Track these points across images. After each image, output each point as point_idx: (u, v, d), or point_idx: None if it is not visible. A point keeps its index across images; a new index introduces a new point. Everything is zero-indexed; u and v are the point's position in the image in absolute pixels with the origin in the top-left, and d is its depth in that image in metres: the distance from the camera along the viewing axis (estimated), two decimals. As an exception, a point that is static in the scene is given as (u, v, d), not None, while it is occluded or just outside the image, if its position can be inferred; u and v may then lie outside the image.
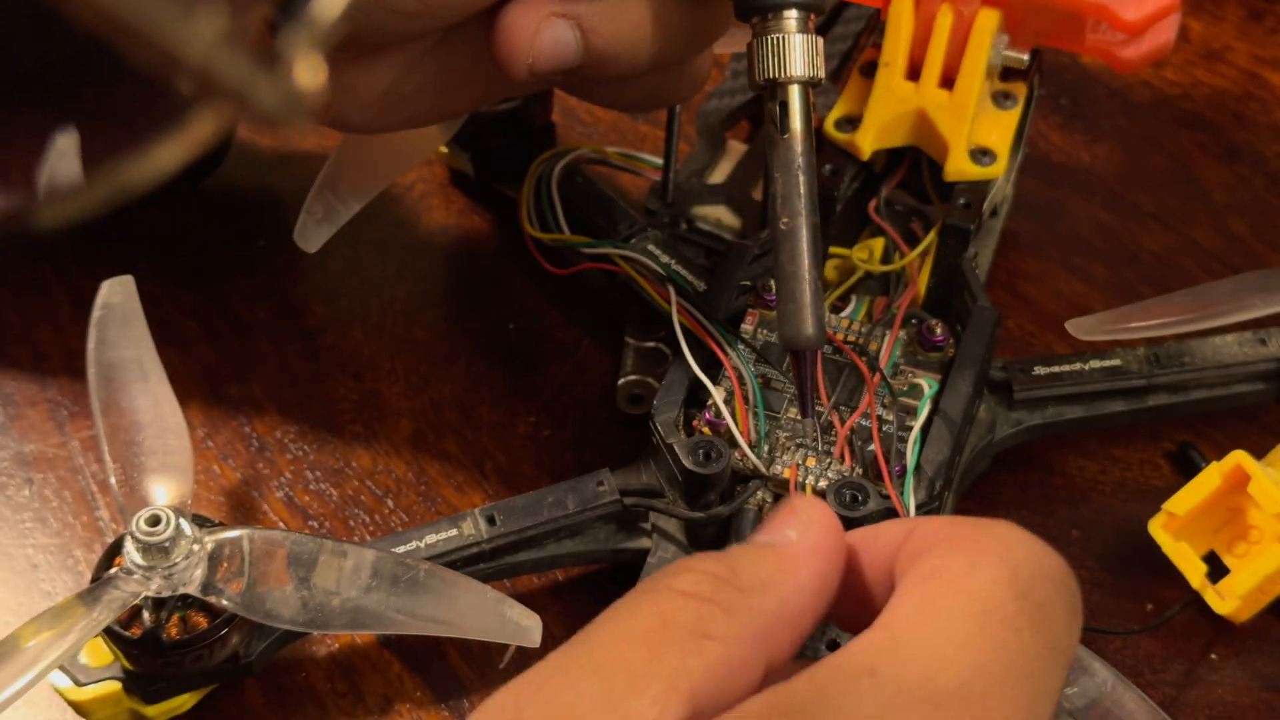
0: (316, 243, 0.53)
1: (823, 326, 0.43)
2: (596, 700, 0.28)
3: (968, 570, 0.30)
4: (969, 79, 0.50)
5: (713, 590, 0.30)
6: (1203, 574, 0.47)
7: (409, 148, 0.53)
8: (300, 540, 0.43)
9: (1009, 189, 0.55)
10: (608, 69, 0.44)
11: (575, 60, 0.44)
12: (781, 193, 0.43)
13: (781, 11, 0.42)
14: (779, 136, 0.43)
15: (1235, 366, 0.51)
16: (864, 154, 0.52)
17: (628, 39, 0.44)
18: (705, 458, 0.45)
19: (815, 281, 0.43)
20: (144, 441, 0.45)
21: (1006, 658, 0.29)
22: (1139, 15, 0.50)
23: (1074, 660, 0.38)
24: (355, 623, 0.43)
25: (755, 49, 0.43)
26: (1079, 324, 0.51)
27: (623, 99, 0.49)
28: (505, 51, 0.43)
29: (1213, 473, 0.47)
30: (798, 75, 0.42)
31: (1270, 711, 0.47)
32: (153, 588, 0.42)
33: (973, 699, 0.28)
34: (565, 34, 0.43)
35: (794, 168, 0.43)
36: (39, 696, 0.46)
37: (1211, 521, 0.48)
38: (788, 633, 0.31)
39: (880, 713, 0.27)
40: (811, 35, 0.43)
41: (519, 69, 0.43)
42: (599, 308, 0.56)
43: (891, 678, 0.28)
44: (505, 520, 0.46)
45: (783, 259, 0.43)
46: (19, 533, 0.50)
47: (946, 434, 0.46)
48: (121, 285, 0.48)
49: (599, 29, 0.43)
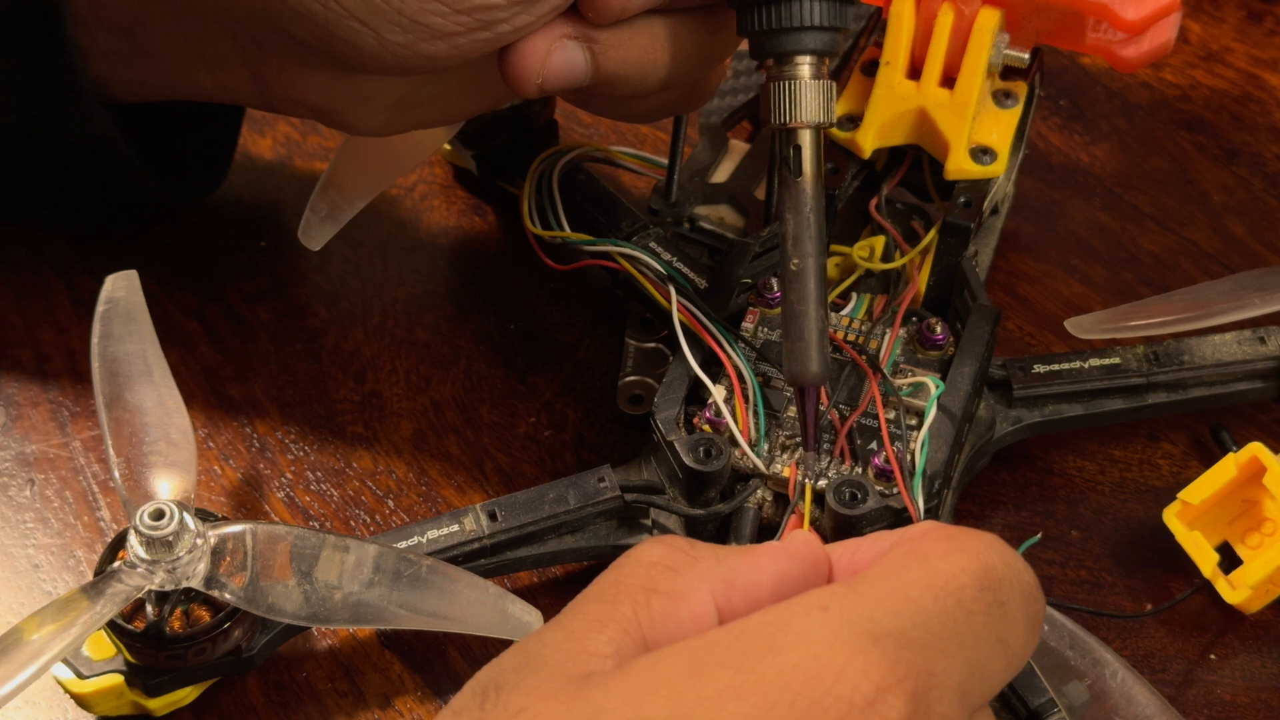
0: (320, 241, 0.53)
1: (827, 364, 0.44)
2: (559, 642, 0.32)
3: (943, 555, 0.33)
4: (970, 78, 0.51)
5: (663, 555, 0.34)
6: (1214, 563, 0.48)
7: (412, 147, 0.54)
8: (303, 535, 0.43)
9: (1009, 187, 0.55)
10: (617, 90, 0.45)
11: (585, 81, 0.44)
12: (793, 234, 0.44)
13: (794, 57, 0.43)
14: (791, 179, 0.44)
15: (1234, 365, 0.51)
16: (865, 152, 0.52)
17: (638, 62, 0.45)
18: (705, 455, 0.45)
19: (821, 320, 0.44)
20: (148, 436, 0.45)
21: (952, 626, 0.31)
22: (1139, 15, 0.50)
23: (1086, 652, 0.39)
24: (357, 617, 0.43)
25: (771, 93, 0.43)
26: (1078, 322, 0.51)
27: (631, 113, 0.50)
28: (515, 72, 0.44)
29: (1229, 464, 0.47)
30: (810, 121, 0.43)
31: (1270, 711, 0.47)
32: (156, 581, 0.42)
33: (909, 644, 0.31)
34: (576, 56, 0.44)
35: (805, 210, 0.44)
36: (42, 689, 0.46)
37: (1225, 512, 0.48)
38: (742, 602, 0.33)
39: (825, 638, 0.30)
40: (824, 81, 0.43)
41: (528, 88, 0.44)
42: (600, 308, 0.56)
43: (840, 612, 0.31)
44: (506, 516, 0.46)
45: (791, 298, 0.44)
46: (21, 533, 0.50)
47: (946, 432, 0.46)
48: (126, 280, 0.48)
49: (610, 53, 0.44)
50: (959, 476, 0.49)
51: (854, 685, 0.30)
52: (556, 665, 0.31)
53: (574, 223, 0.53)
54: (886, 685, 0.30)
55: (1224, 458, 0.47)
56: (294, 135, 0.61)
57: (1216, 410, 0.53)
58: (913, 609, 0.31)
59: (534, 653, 0.32)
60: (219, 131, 0.55)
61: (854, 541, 0.36)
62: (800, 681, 0.30)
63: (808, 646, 0.30)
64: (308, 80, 0.46)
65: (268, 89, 0.47)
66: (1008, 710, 0.43)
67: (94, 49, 0.47)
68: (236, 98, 0.48)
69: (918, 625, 0.31)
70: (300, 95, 0.46)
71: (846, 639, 0.30)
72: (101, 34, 0.47)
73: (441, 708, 0.46)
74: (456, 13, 0.42)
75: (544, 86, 0.44)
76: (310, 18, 0.42)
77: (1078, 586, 0.49)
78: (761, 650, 0.30)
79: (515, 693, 0.31)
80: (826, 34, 0.43)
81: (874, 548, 0.35)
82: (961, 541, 0.33)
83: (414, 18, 0.41)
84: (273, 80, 0.46)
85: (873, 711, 0.29)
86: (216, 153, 0.56)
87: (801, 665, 0.30)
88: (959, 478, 0.49)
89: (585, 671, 0.31)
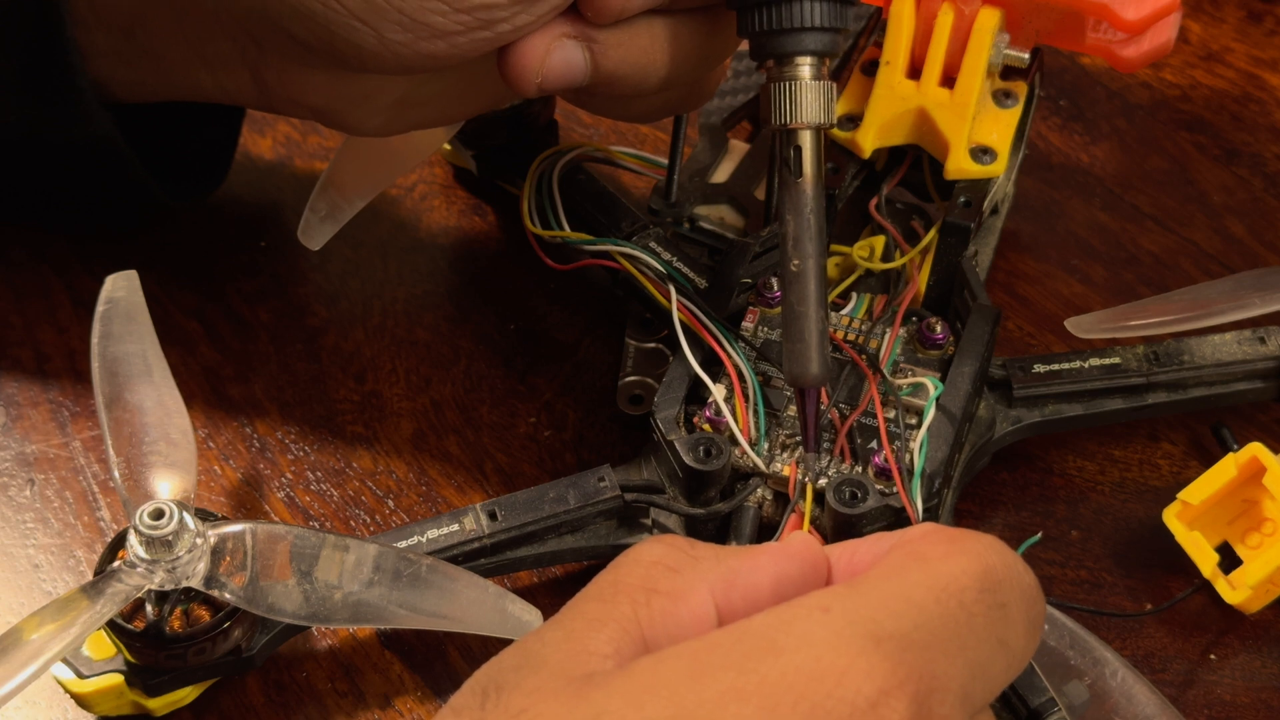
0: (320, 240, 0.53)
1: (827, 366, 0.44)
2: (559, 641, 0.32)
3: (943, 556, 0.33)
4: (970, 78, 0.51)
5: (663, 554, 0.34)
6: (1214, 563, 0.48)
7: (412, 147, 0.54)
8: (303, 534, 0.43)
9: (1010, 187, 0.55)
10: (617, 89, 0.45)
11: (584, 81, 0.44)
12: (793, 234, 0.44)
13: (794, 58, 0.43)
14: (792, 180, 0.44)
15: (1234, 365, 0.51)
16: (865, 152, 0.52)
17: (638, 62, 0.45)
18: (705, 454, 0.45)
19: (822, 321, 0.44)
20: (147, 435, 0.45)
21: (954, 628, 0.31)
22: (1139, 15, 0.50)
23: (1086, 651, 0.39)
24: (357, 617, 0.43)
25: (771, 93, 0.43)
26: (1078, 322, 0.51)
27: (631, 113, 0.50)
28: (515, 71, 0.44)
29: (1229, 464, 0.47)
30: (811, 122, 0.43)
31: (1270, 711, 0.47)
32: (156, 581, 0.42)
33: (911, 646, 0.31)
34: (575, 55, 0.44)
35: (805, 211, 0.44)
36: (42, 689, 0.46)
37: (1225, 512, 0.48)
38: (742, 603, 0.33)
39: (827, 640, 0.30)
40: (825, 82, 0.43)
41: (528, 87, 0.44)
42: (600, 308, 0.56)
43: (842, 614, 0.31)
44: (506, 515, 0.46)
45: (792, 299, 0.44)
46: (21, 533, 0.50)
47: (945, 432, 0.46)
48: (126, 280, 0.48)
49: (609, 52, 0.44)
50: (959, 476, 0.49)
51: (856, 687, 0.30)
52: (557, 665, 0.31)
53: (574, 223, 0.53)
54: (889, 687, 0.30)
55: (1224, 458, 0.47)
56: (294, 135, 0.61)
57: (1216, 410, 0.53)
58: (915, 611, 0.31)
59: (534, 652, 0.32)
60: (219, 131, 0.55)
61: (853, 543, 0.36)
62: (803, 683, 0.30)
63: (810, 648, 0.30)
64: (308, 81, 0.46)
65: (268, 89, 0.47)
66: (1008, 710, 0.43)
67: (94, 49, 0.47)
68: (237, 98, 0.49)
69: (920, 627, 0.31)
70: (300, 96, 0.46)
71: (849, 640, 0.30)
72: (101, 34, 0.47)
73: (441, 707, 0.46)
74: (456, 11, 0.42)
75: (543, 86, 0.44)
76: (310, 16, 0.42)
77: (1078, 586, 0.49)
78: (764, 652, 0.30)
79: (516, 692, 0.31)
80: (827, 35, 0.43)
81: (873, 549, 0.35)
82: (962, 543, 0.33)
83: (414, 16, 0.42)
84: (273, 81, 0.46)
85: (874, 714, 0.29)
86: (216, 153, 0.56)
87: (804, 667, 0.30)
88: (959, 477, 0.49)
89: (586, 672, 0.31)
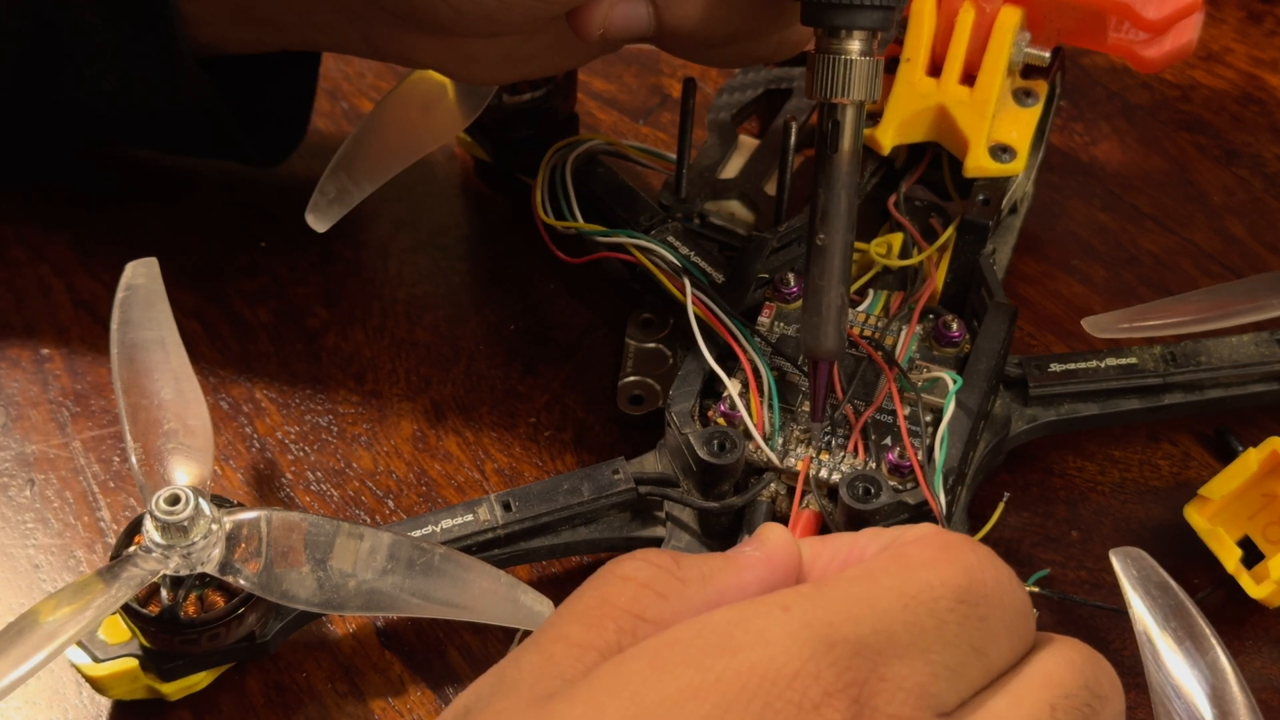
0: (327, 222, 0.53)
1: (843, 340, 0.44)
2: (536, 668, 0.31)
3: (927, 563, 0.32)
4: (990, 76, 0.51)
5: (651, 576, 0.33)
6: (1238, 559, 0.47)
7: (426, 133, 0.54)
8: (317, 522, 0.43)
9: (1029, 186, 0.55)
10: (682, 42, 0.47)
11: (648, 33, 0.46)
12: (822, 208, 0.44)
13: (847, 31, 0.43)
14: (828, 153, 0.43)
15: (1251, 366, 0.51)
16: (884, 149, 0.52)
17: (701, 18, 0.45)
18: (720, 448, 0.45)
19: (842, 297, 0.44)
20: (165, 422, 0.45)
21: (915, 633, 0.31)
22: (1161, 14, 0.50)
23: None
24: (370, 605, 0.43)
25: (817, 64, 0.43)
26: (1094, 321, 0.51)
27: (710, 60, 0.51)
28: (580, 25, 0.45)
29: (1249, 459, 0.47)
30: (854, 97, 0.43)
31: (1270, 711, 0.47)
32: (171, 566, 0.42)
33: (863, 650, 0.30)
34: (639, 9, 0.45)
35: (837, 186, 0.44)
36: (57, 671, 0.46)
37: (1246, 507, 0.48)
38: None
39: (782, 639, 0.30)
40: (873, 59, 0.43)
41: (591, 38, 0.45)
42: (602, 306, 0.56)
43: (800, 614, 0.31)
44: (521, 506, 0.46)
45: (814, 272, 0.44)
46: (21, 533, 0.50)
47: (962, 428, 0.46)
48: (145, 267, 0.49)
49: (672, 7, 0.45)
50: (974, 474, 0.49)
51: (804, 689, 0.30)
52: (527, 690, 0.31)
53: (590, 215, 0.54)
54: (833, 690, 0.30)
55: (1244, 453, 0.47)
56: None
57: (1232, 411, 0.52)
58: (875, 616, 0.31)
59: (509, 676, 0.32)
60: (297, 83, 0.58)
61: (851, 536, 0.35)
62: (756, 682, 0.30)
63: (765, 647, 0.30)
64: (415, 42, 0.48)
65: (379, 50, 0.50)
66: None
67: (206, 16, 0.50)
68: (351, 53, 0.52)
69: (878, 632, 0.31)
70: (411, 55, 0.49)
71: (803, 642, 0.30)
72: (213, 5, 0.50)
73: (442, 707, 0.46)
74: None
75: (608, 38, 0.45)
76: None
77: (1078, 587, 0.49)
78: (721, 649, 0.30)
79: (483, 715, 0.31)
80: (880, 12, 0.42)
81: (871, 543, 0.34)
82: (953, 553, 0.33)
83: None
84: (383, 43, 0.49)
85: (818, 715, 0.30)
86: (293, 111, 0.58)
87: (758, 666, 0.30)
88: (974, 475, 0.49)
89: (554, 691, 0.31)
